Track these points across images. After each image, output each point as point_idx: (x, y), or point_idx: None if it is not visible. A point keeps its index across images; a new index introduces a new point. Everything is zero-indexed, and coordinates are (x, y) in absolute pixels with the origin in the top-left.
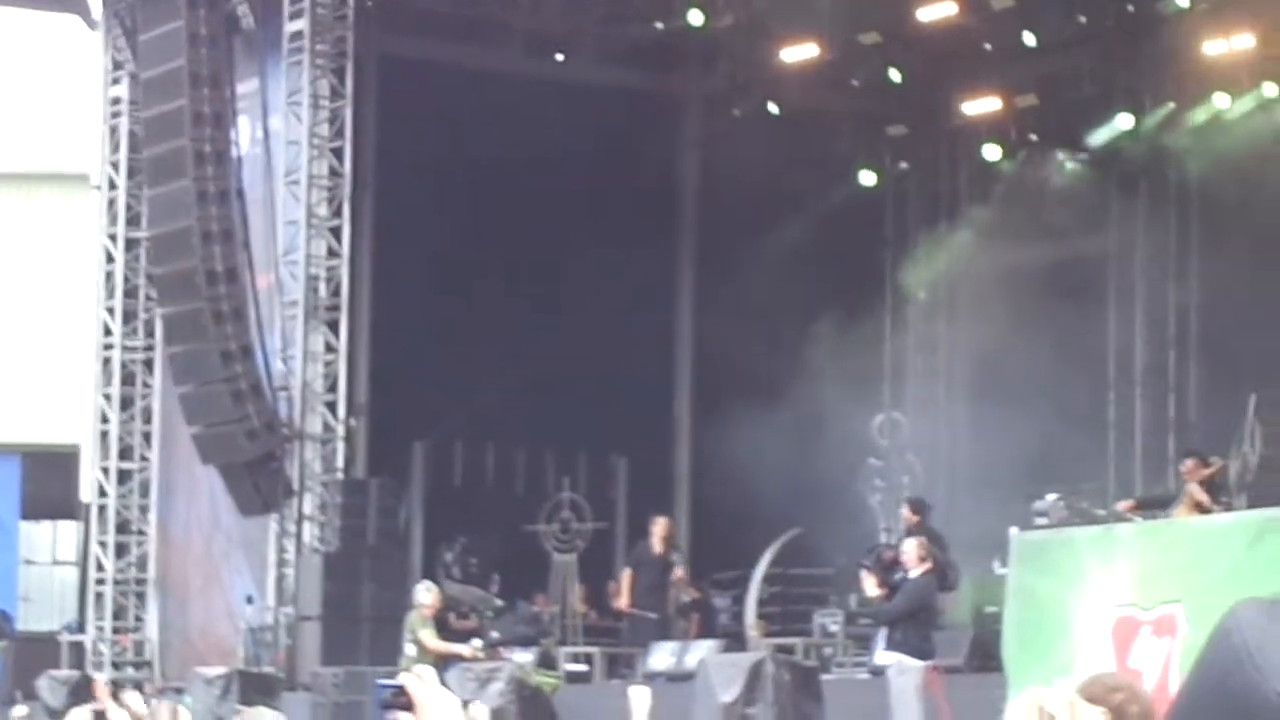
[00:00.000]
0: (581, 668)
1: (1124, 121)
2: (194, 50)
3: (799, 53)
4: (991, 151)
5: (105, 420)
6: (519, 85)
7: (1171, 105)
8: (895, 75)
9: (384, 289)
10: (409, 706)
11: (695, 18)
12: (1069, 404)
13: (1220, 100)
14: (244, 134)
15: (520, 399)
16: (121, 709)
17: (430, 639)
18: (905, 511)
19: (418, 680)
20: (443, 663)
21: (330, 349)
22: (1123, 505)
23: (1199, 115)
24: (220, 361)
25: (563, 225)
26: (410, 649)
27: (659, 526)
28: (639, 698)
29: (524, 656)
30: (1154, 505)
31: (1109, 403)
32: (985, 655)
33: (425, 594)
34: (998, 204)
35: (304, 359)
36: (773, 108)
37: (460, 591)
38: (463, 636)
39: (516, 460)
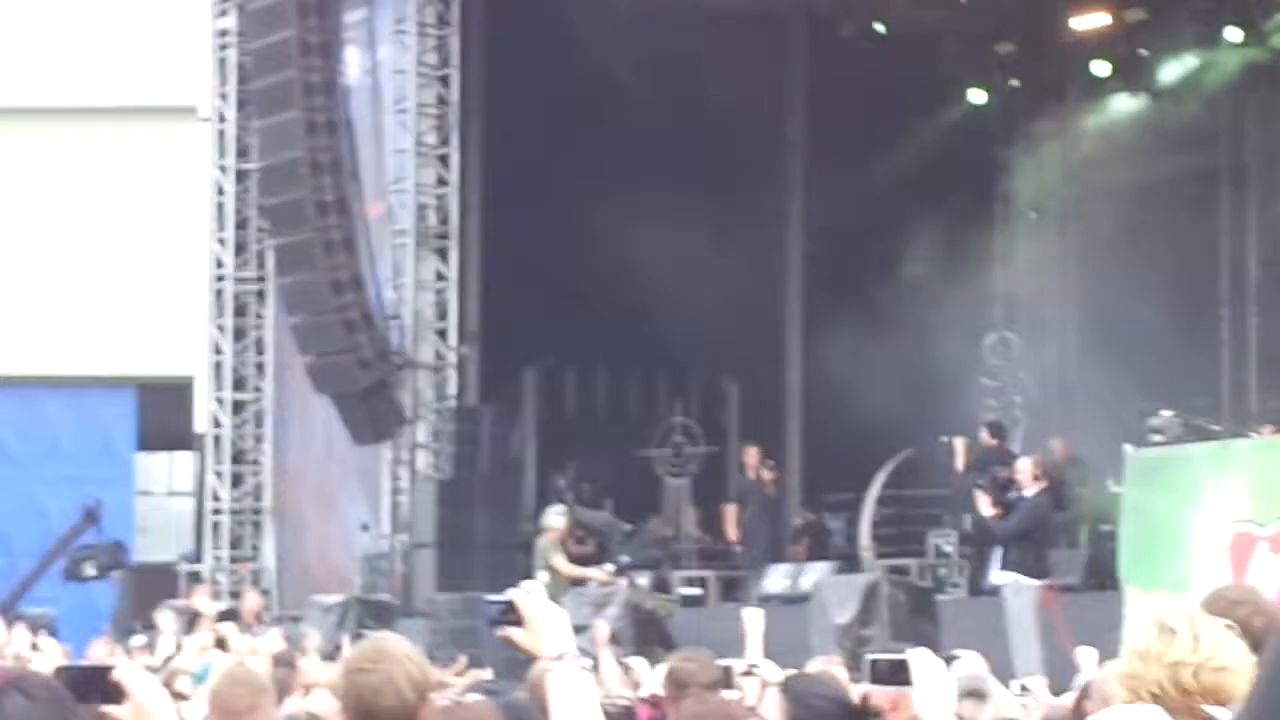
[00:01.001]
0: (696, 591)
1: (1233, 34)
2: None
3: None
4: (1101, 67)
5: (219, 351)
6: (624, 8)
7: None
8: None
9: (493, 216)
10: (518, 622)
11: None
12: (1182, 320)
13: None
14: (352, 63)
15: (631, 324)
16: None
17: (563, 564)
18: (984, 435)
19: (526, 596)
20: (572, 587)
21: (440, 277)
22: (1267, 429)
23: None
24: (331, 291)
25: (671, 149)
26: (543, 574)
27: (748, 455)
28: (753, 620)
29: (639, 579)
30: None
31: (1222, 319)
32: (1101, 573)
33: (556, 518)
34: (1108, 120)
35: (414, 287)
36: (880, 27)
37: (589, 516)
38: (580, 561)
39: (628, 385)
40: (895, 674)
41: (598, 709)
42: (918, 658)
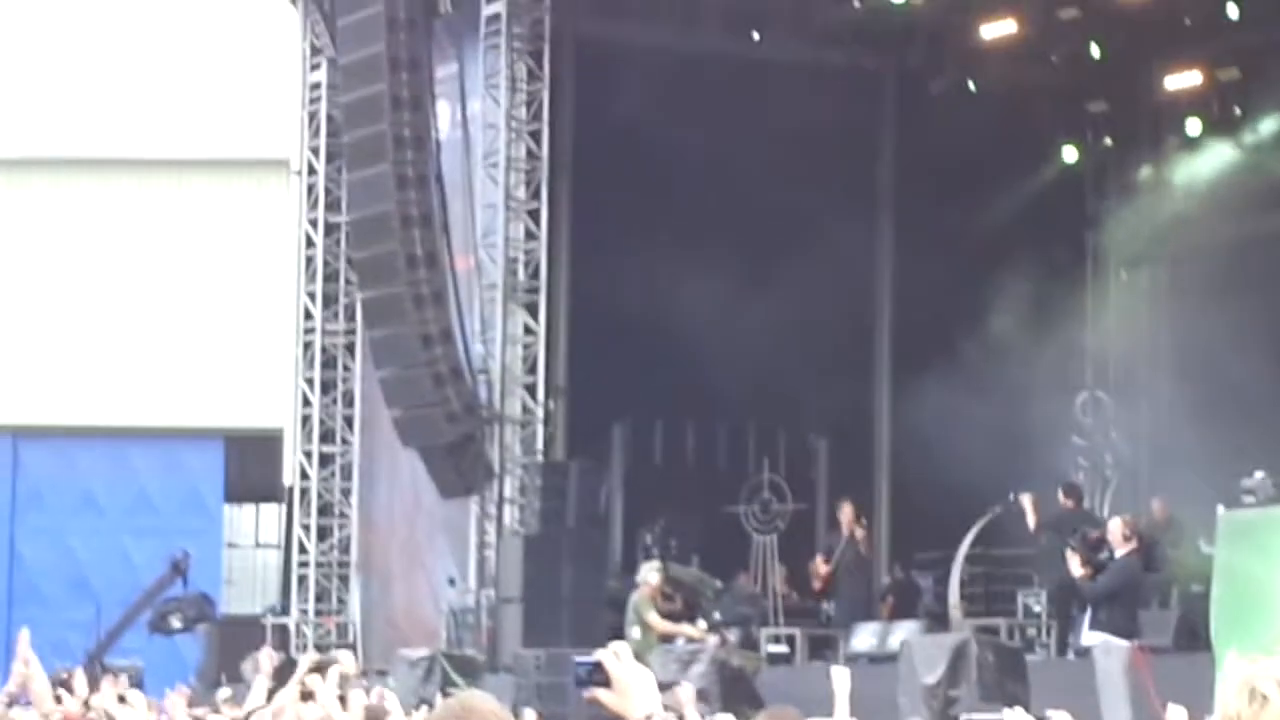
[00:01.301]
0: (783, 649)
1: None
2: (393, 35)
3: (998, 29)
4: (1194, 126)
5: (307, 404)
6: (715, 65)
7: None
8: (1095, 50)
9: (582, 270)
10: (606, 683)
11: None
12: (1272, 383)
13: None
14: (443, 118)
15: (719, 379)
16: (323, 682)
17: (657, 620)
18: (1060, 495)
19: (614, 658)
20: (663, 643)
21: (529, 331)
22: None
23: None
24: (420, 345)
25: (760, 205)
26: (635, 630)
27: (843, 512)
28: (840, 678)
29: (728, 637)
30: None
31: None
32: (1192, 635)
33: (652, 574)
34: (1200, 177)
35: (503, 341)
36: (971, 85)
37: (682, 572)
38: (668, 618)
39: (717, 440)
40: None
41: None
42: (1013, 717)
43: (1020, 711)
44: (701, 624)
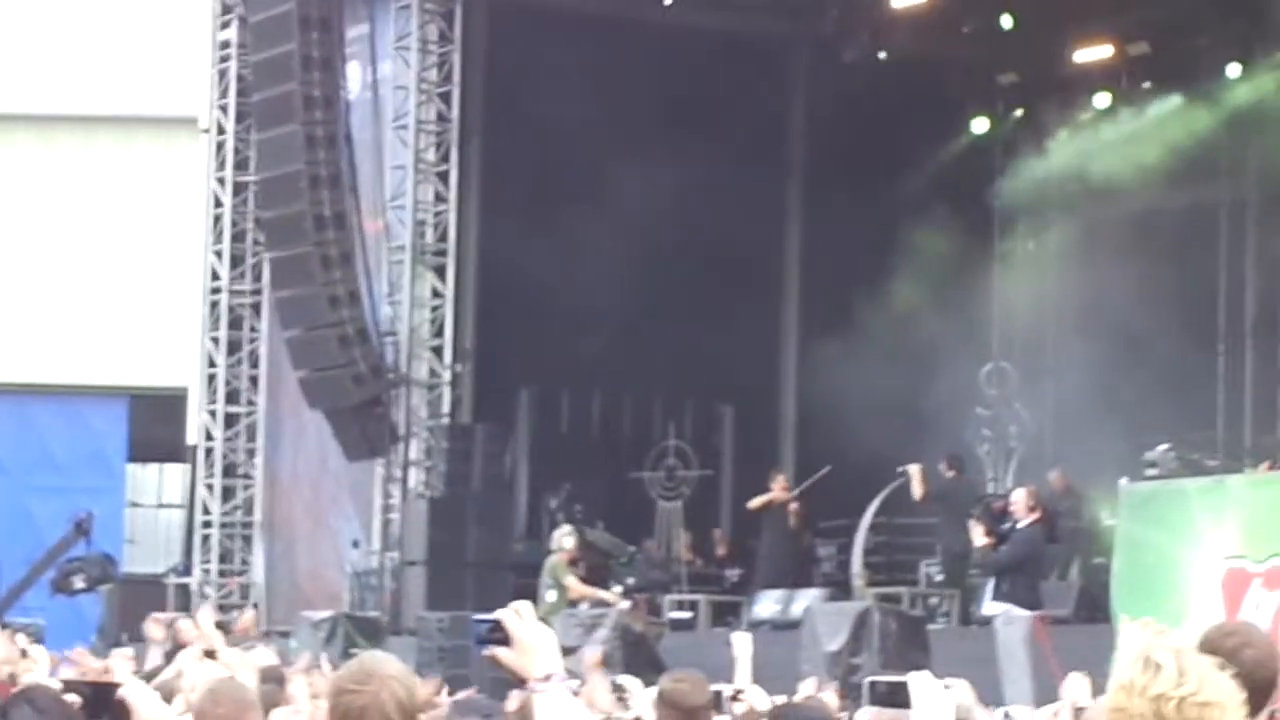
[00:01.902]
0: (686, 615)
1: (1235, 70)
2: None
3: None
4: (1102, 99)
5: (212, 364)
6: (626, 29)
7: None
8: (1007, 21)
9: (490, 234)
10: (506, 642)
11: None
12: (1178, 355)
13: None
14: (354, 79)
15: (626, 346)
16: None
17: (574, 583)
18: (942, 466)
19: (515, 616)
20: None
21: (437, 294)
22: (1264, 466)
23: None
24: (327, 306)
25: (668, 171)
26: (551, 594)
27: (776, 482)
28: (742, 644)
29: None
30: None
31: (1219, 354)
32: (1093, 606)
33: (568, 538)
34: (1108, 152)
35: (410, 304)
36: (882, 54)
37: (597, 537)
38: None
39: (623, 407)
40: (894, 696)
41: None
42: (917, 681)
43: (926, 674)
44: (616, 588)
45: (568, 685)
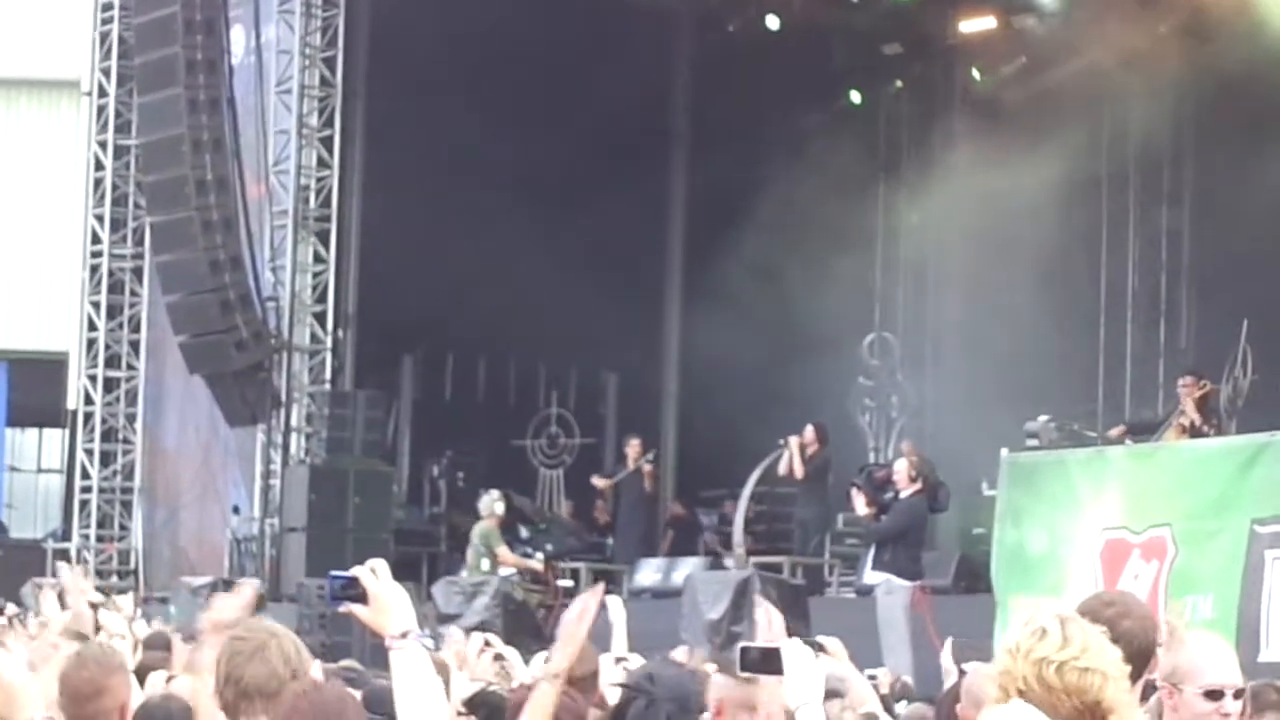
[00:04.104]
0: (568, 583)
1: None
2: None
3: None
4: (986, 71)
5: (93, 328)
6: None
7: (1162, 29)
8: None
9: (374, 200)
10: (362, 599)
11: None
12: (1060, 328)
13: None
14: (237, 43)
15: (512, 313)
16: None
17: (506, 553)
18: (809, 435)
19: (371, 574)
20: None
21: (320, 260)
22: (1114, 431)
23: (1191, 46)
24: (209, 271)
25: (554, 137)
26: (485, 562)
27: (630, 447)
28: (616, 609)
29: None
30: (1144, 430)
31: (1100, 326)
32: (973, 576)
33: (498, 504)
34: (990, 125)
35: (293, 269)
36: (770, 23)
37: (521, 503)
38: None
39: (508, 375)
40: (766, 663)
41: (441, 688)
42: (790, 647)
43: (797, 641)
44: (539, 556)
45: (424, 642)
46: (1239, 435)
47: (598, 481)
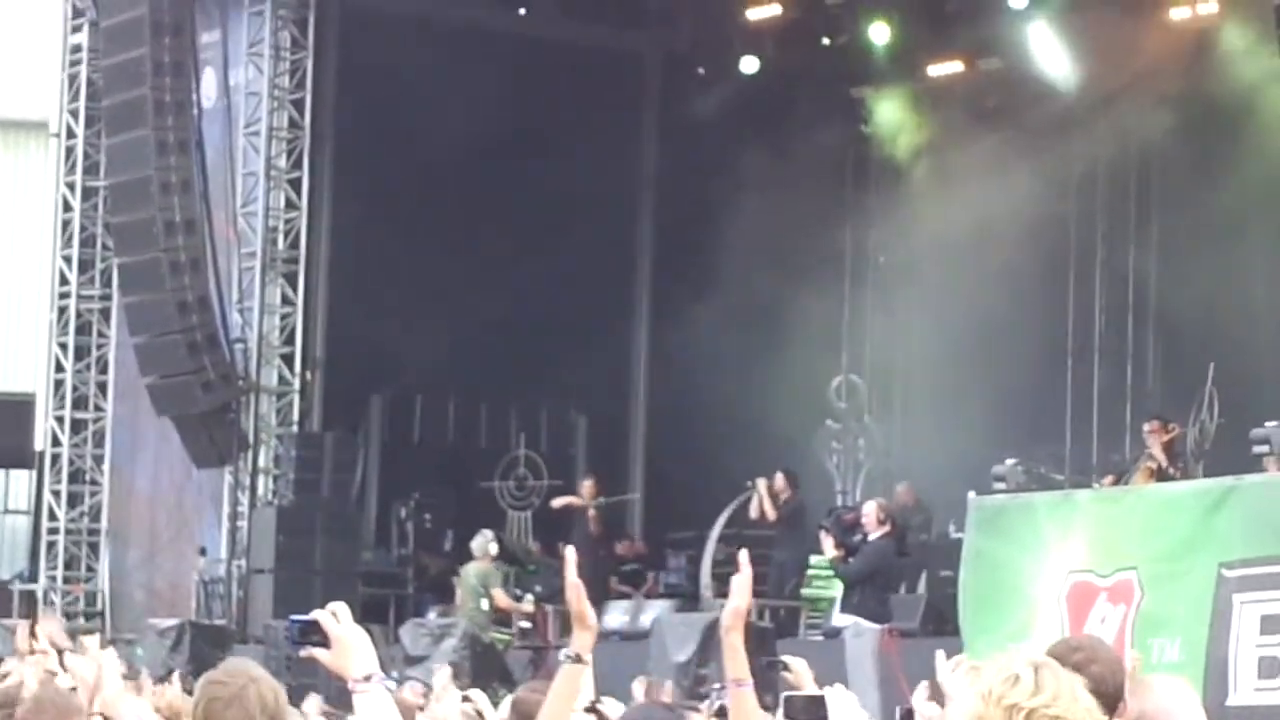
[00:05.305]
0: (528, 624)
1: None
2: None
3: (764, 11)
4: (956, 111)
5: (60, 369)
6: (481, 38)
7: (1131, 71)
8: (878, 36)
9: (343, 242)
10: (323, 643)
11: None
12: (1027, 371)
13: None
14: (208, 84)
15: (481, 355)
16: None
17: (500, 595)
18: (780, 482)
19: (332, 618)
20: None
21: (287, 301)
22: (1106, 480)
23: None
24: (177, 312)
25: (523, 181)
26: (485, 603)
27: (583, 488)
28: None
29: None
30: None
31: (1067, 369)
32: (940, 619)
33: (493, 544)
34: (960, 167)
35: (261, 311)
36: (748, 66)
37: (511, 543)
38: None
39: (479, 416)
40: (811, 710)
41: None
42: (834, 695)
43: (840, 688)
44: (529, 598)
45: (386, 684)
46: (1206, 479)
47: (555, 503)
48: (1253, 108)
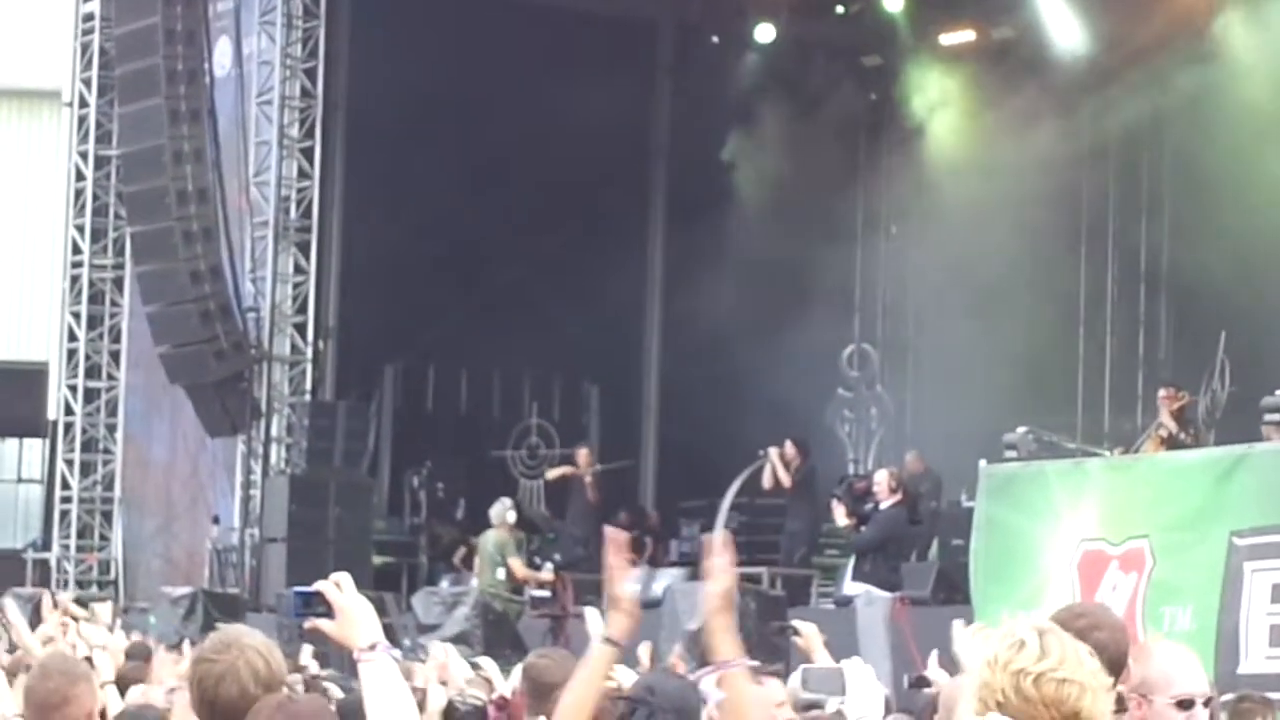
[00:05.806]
0: (545, 593)
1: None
2: None
3: None
4: (959, 79)
5: (73, 338)
6: (493, 6)
7: (1143, 40)
8: (892, 5)
9: (355, 211)
10: (326, 613)
11: None
12: (1039, 339)
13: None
14: (220, 53)
15: (494, 323)
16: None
17: (518, 564)
18: (790, 450)
19: (335, 588)
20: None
21: (300, 270)
22: (1118, 452)
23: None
24: (189, 281)
25: (535, 148)
26: (501, 572)
27: (579, 455)
28: (594, 621)
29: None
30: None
31: (1079, 338)
32: (951, 587)
33: (510, 512)
34: (970, 136)
35: (273, 280)
36: (759, 35)
37: (530, 511)
38: None
39: (492, 385)
40: (829, 682)
41: (411, 698)
42: (851, 667)
43: (858, 661)
44: (548, 567)
45: (392, 653)
46: (1217, 447)
47: (550, 475)
48: (1266, 76)
